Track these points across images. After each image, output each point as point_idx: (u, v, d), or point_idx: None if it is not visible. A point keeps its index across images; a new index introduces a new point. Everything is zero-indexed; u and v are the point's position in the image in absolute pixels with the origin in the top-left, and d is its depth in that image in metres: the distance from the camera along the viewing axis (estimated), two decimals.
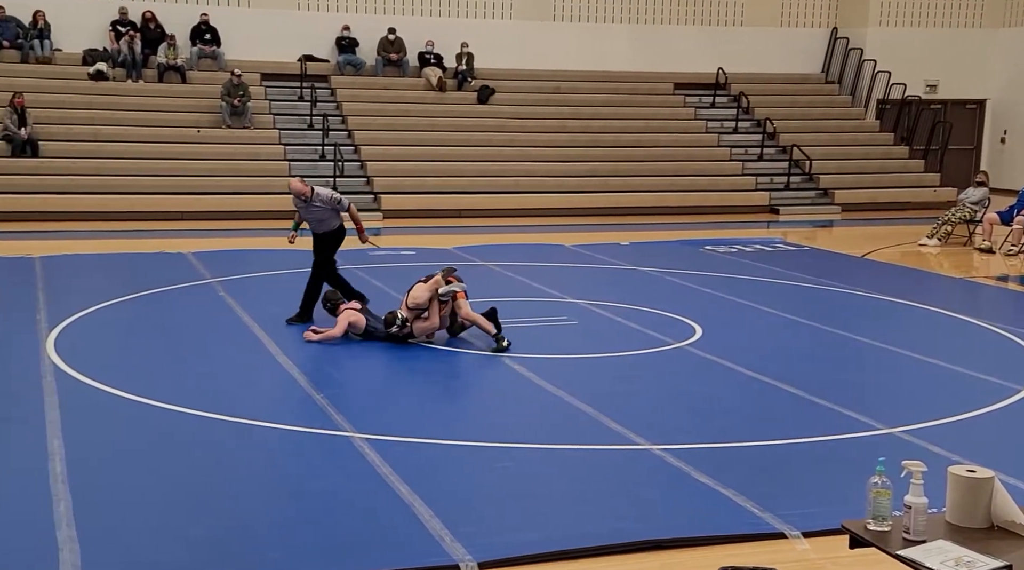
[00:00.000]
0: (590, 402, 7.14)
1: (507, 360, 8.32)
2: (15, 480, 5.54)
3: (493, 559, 4.69)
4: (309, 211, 9.57)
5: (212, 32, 20.27)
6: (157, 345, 8.63)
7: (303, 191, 9.48)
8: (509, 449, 6.20)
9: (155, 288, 11.03)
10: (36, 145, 17.39)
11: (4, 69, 18.79)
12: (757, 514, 5.27)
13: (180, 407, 6.85)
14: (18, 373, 7.64)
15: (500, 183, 19.17)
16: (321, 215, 9.59)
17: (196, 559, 4.65)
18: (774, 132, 21.88)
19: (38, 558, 4.56)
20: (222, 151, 18.57)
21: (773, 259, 14.12)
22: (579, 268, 13.31)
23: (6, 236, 14.66)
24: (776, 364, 8.34)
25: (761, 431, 6.66)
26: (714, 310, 10.58)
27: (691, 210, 19.48)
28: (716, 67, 22.90)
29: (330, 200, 9.56)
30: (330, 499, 5.37)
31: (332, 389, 7.40)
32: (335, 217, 9.68)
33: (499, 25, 22.15)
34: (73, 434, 6.22)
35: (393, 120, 20.12)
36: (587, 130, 21.07)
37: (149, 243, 14.22)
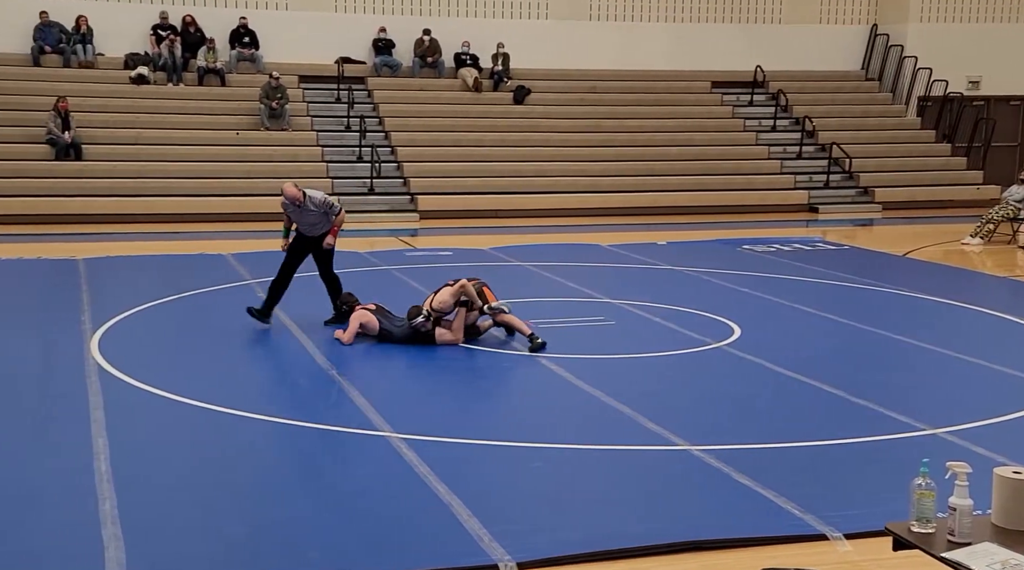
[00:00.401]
0: (628, 402, 7.11)
1: (544, 360, 8.32)
2: (62, 479, 5.62)
3: (532, 559, 4.69)
4: (303, 216, 9.33)
5: (251, 35, 20.48)
6: (198, 346, 8.73)
7: (297, 196, 9.22)
8: (547, 449, 6.20)
9: (196, 289, 11.15)
10: (79, 148, 17.67)
11: (48, 74, 19.12)
12: (798, 515, 5.22)
13: (221, 407, 6.92)
14: (63, 373, 7.76)
15: (536, 183, 19.17)
16: (314, 220, 9.37)
17: (236, 558, 4.69)
18: (813, 130, 21.68)
19: (84, 556, 4.63)
20: (261, 153, 18.75)
21: (812, 258, 13.99)
22: (616, 268, 13.27)
23: (51, 238, 14.91)
24: (816, 364, 8.26)
25: (802, 432, 6.60)
26: (752, 310, 10.51)
27: (729, 209, 19.36)
28: (754, 65, 22.74)
29: (323, 204, 9.30)
30: (368, 499, 5.40)
31: (369, 389, 7.43)
32: (327, 221, 9.43)
33: (535, 25, 22.16)
34: (117, 433, 6.30)
35: (429, 121, 20.21)
36: (623, 129, 21.01)
37: (190, 244, 14.39)
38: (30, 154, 17.54)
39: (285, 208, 9.45)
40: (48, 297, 10.76)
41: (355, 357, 8.45)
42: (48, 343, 8.69)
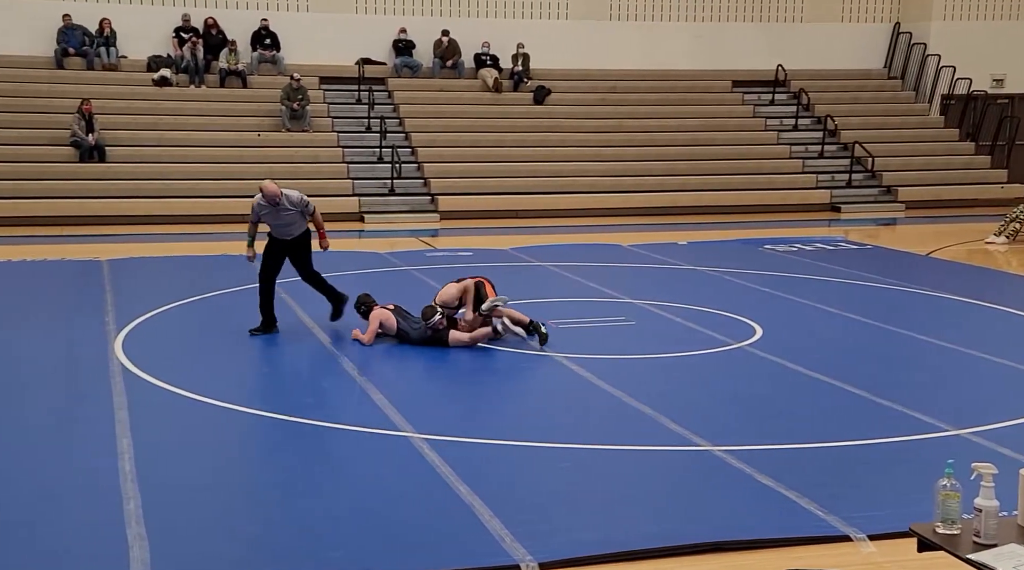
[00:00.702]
0: (649, 402, 7.10)
1: (565, 360, 8.31)
2: (87, 479, 5.67)
3: (554, 560, 4.69)
4: (278, 217, 8.99)
5: (272, 37, 20.58)
6: (221, 346, 8.78)
7: (277, 193, 8.89)
8: (568, 449, 6.20)
9: (219, 290, 11.22)
10: (103, 150, 17.81)
11: (71, 76, 19.28)
12: (821, 516, 5.19)
13: (243, 407, 6.96)
14: (88, 373, 7.82)
15: (557, 183, 19.17)
16: (290, 219, 9.05)
17: (260, 557, 4.72)
18: (835, 129, 21.56)
19: (109, 555, 4.67)
20: (282, 154, 18.83)
21: (835, 258, 13.91)
22: (636, 268, 13.25)
23: (75, 240, 15.04)
24: (839, 364, 8.21)
25: (824, 432, 6.57)
26: (774, 310, 10.46)
27: (750, 209, 19.28)
28: (775, 64, 22.64)
29: (299, 202, 8.98)
30: (390, 499, 5.41)
31: (391, 389, 7.46)
32: (303, 221, 9.15)
33: (555, 25, 22.15)
34: (141, 433, 6.35)
35: (449, 122, 20.24)
36: (644, 129, 20.97)
37: (212, 245, 14.47)
38: (54, 156, 17.70)
39: (257, 210, 9.03)
40: (73, 298, 10.86)
41: (376, 357, 8.47)
42: (73, 343, 8.76)
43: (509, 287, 11.46)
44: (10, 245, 14.31)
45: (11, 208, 16.47)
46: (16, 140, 17.80)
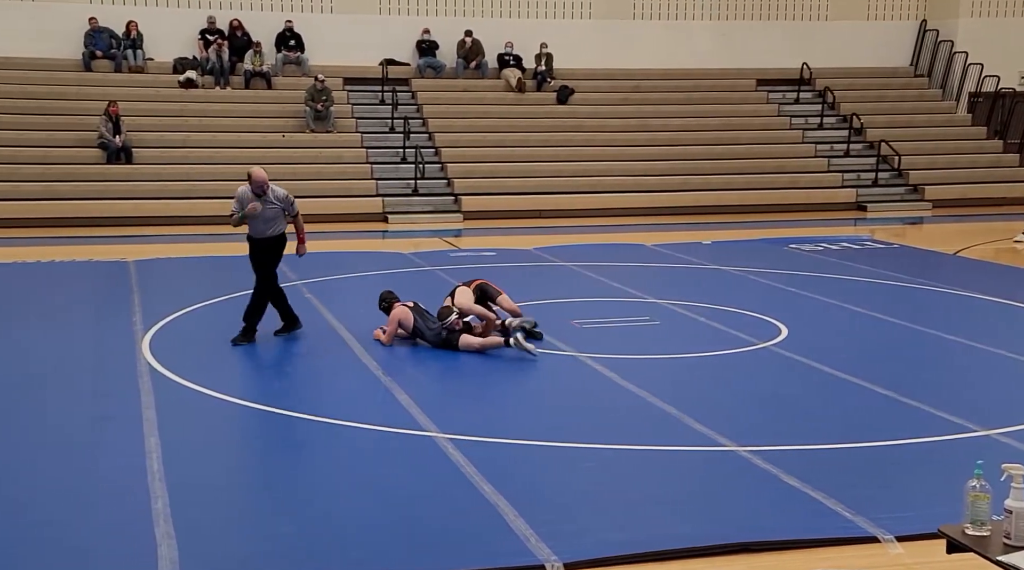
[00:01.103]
0: (674, 403, 7.08)
1: (589, 360, 8.30)
2: (116, 477, 5.72)
3: (579, 560, 4.68)
4: (262, 210, 8.77)
5: (296, 38, 20.68)
6: (247, 346, 8.82)
7: (266, 180, 8.73)
8: (592, 450, 6.19)
9: (244, 290, 11.26)
10: (130, 152, 17.96)
11: (99, 79, 19.46)
12: (848, 517, 5.16)
13: (269, 407, 7.00)
14: (116, 373, 7.89)
15: (580, 183, 19.14)
16: (272, 214, 8.83)
17: (286, 556, 4.74)
18: (861, 127, 21.41)
19: (138, 553, 4.71)
20: (306, 155, 18.92)
21: (861, 257, 13.82)
22: (660, 268, 13.21)
23: (102, 241, 15.17)
24: (865, 364, 8.16)
25: (851, 433, 6.52)
26: (800, 310, 10.40)
27: (775, 208, 19.18)
28: (800, 62, 22.51)
29: (284, 199, 8.81)
30: (415, 498, 5.42)
31: (415, 389, 7.47)
32: (282, 221, 8.93)
33: (578, 25, 22.13)
34: (168, 433, 6.40)
35: (473, 122, 20.26)
36: (667, 128, 20.91)
37: (238, 246, 14.51)
38: (82, 158, 17.86)
39: (243, 199, 8.76)
40: (100, 299, 10.95)
41: (400, 357, 8.49)
42: (101, 343, 8.84)
43: (533, 287, 11.48)
44: (40, 246, 14.46)
45: (40, 209, 16.64)
46: (45, 142, 17.98)
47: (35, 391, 7.42)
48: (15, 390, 7.43)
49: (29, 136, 17.99)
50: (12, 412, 6.90)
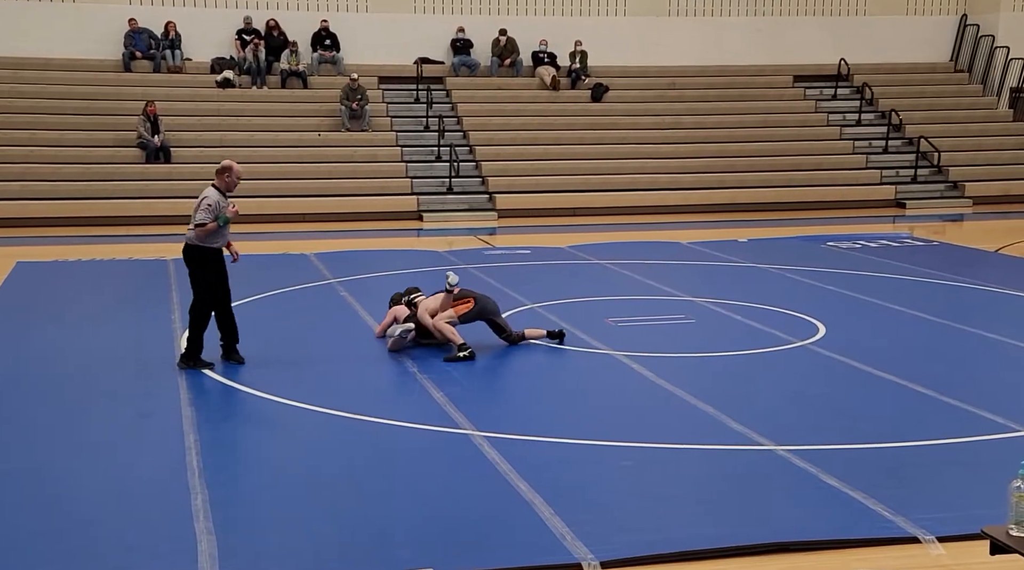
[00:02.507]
0: (710, 401, 7.03)
1: (625, 359, 8.27)
2: (155, 474, 5.79)
3: (616, 558, 4.66)
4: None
5: (332, 38, 20.80)
6: (282, 344, 8.89)
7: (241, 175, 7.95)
8: (628, 448, 6.16)
9: (279, 288, 11.37)
10: (168, 151, 18.16)
11: (138, 79, 19.70)
12: (888, 517, 5.10)
13: (305, 404, 7.04)
14: (155, 371, 7.98)
15: (615, 181, 19.09)
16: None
17: (324, 553, 4.76)
18: (900, 124, 21.16)
19: (178, 549, 4.76)
20: (341, 154, 19.03)
21: (900, 255, 13.65)
22: (696, 265, 13.14)
23: (142, 239, 15.35)
24: (905, 363, 8.06)
25: (891, 432, 6.45)
26: (838, 308, 10.30)
27: (812, 205, 19.01)
28: (838, 58, 22.29)
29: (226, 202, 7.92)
30: (452, 496, 5.43)
31: (451, 387, 7.49)
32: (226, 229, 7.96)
33: (613, 22, 22.05)
34: (207, 430, 6.46)
35: (507, 120, 20.26)
36: (703, 126, 20.79)
37: (273, 245, 14.67)
38: (121, 157, 18.09)
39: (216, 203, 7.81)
40: (140, 297, 11.07)
41: (436, 356, 8.50)
42: (141, 341, 8.94)
43: (567, 286, 11.47)
44: (80, 245, 14.66)
45: (81, 208, 16.87)
46: (85, 142, 18.23)
47: (76, 388, 7.52)
48: (57, 387, 7.54)
49: (70, 136, 18.25)
50: (54, 408, 7.00)
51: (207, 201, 7.85)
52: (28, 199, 16.86)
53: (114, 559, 4.71)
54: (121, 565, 4.64)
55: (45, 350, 8.63)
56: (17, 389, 7.49)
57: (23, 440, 6.36)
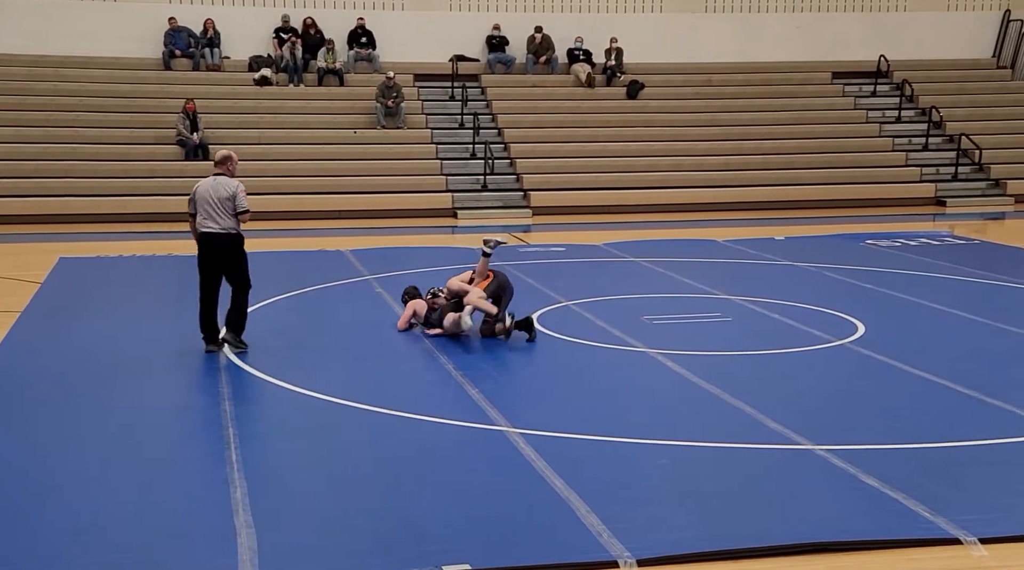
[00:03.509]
0: (747, 400, 6.98)
1: (661, 357, 8.24)
2: (196, 466, 5.86)
3: (652, 557, 4.65)
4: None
5: (368, 36, 20.89)
6: (319, 340, 8.95)
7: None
8: (665, 446, 6.14)
9: (316, 285, 11.44)
10: (207, 149, 18.32)
11: (178, 77, 19.91)
12: (929, 518, 5.03)
13: (341, 399, 7.08)
14: (196, 366, 8.06)
15: (650, 178, 19.01)
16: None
17: (361, 547, 4.79)
18: (940, 121, 20.88)
19: (218, 541, 4.80)
20: (377, 151, 19.11)
21: (940, 253, 13.48)
22: (732, 263, 13.05)
23: (181, 236, 15.47)
24: (946, 363, 7.95)
25: (931, 432, 6.37)
26: (877, 306, 10.19)
27: (850, 203, 18.82)
28: (877, 54, 22.03)
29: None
30: (488, 492, 5.44)
31: (486, 384, 7.50)
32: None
33: (649, 19, 21.97)
34: (245, 424, 6.53)
35: (542, 117, 20.24)
36: (740, 123, 20.64)
37: (310, 241, 14.77)
38: (161, 155, 18.30)
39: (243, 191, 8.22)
40: (179, 293, 11.19)
41: (471, 352, 8.52)
42: (180, 336, 9.02)
43: (602, 283, 11.44)
44: (121, 241, 14.84)
45: (122, 205, 17.09)
46: (126, 140, 18.45)
47: (117, 382, 7.61)
48: (98, 380, 7.64)
49: (112, 134, 18.48)
50: (94, 401, 7.10)
51: (243, 189, 8.27)
52: (71, 196, 17.09)
53: (155, 551, 4.76)
54: (162, 557, 4.69)
55: (85, 344, 8.75)
56: (57, 381, 7.60)
57: (63, 432, 6.45)
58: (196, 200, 8.23)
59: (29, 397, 7.22)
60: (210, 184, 8.24)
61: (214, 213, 8.15)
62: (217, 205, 8.14)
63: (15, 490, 5.49)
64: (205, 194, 8.18)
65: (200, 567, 4.61)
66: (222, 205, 8.15)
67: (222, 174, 8.31)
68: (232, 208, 8.17)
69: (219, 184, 8.21)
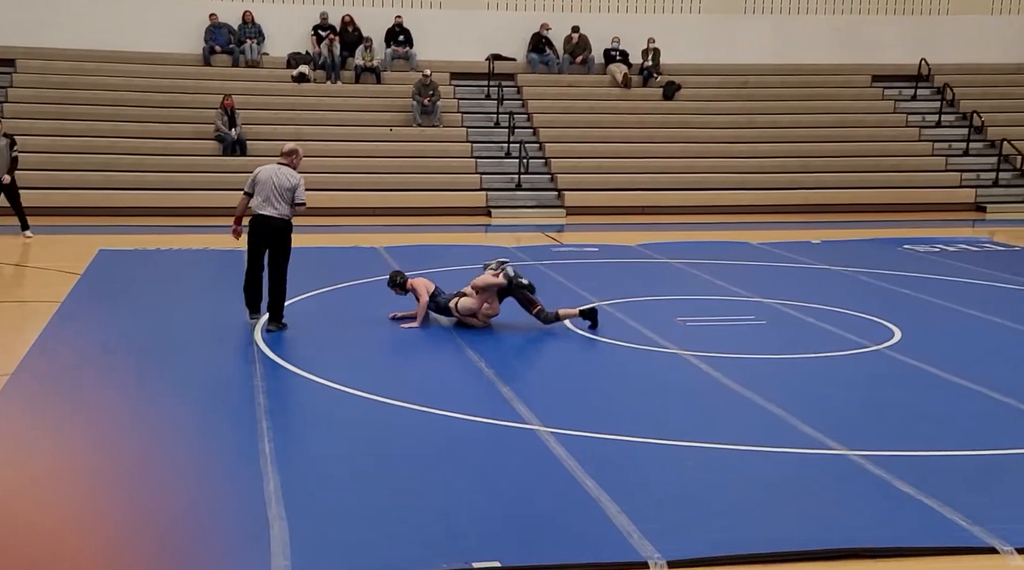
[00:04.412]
0: (780, 404, 6.94)
1: (693, 359, 8.20)
2: (230, 459, 5.91)
3: (683, 558, 4.63)
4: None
5: (405, 34, 20.98)
6: (352, 336, 8.99)
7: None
8: (696, 448, 6.11)
9: (350, 281, 11.50)
10: (244, 144, 18.49)
11: (217, 73, 20.11)
12: (964, 526, 4.97)
13: (373, 395, 7.11)
14: (232, 359, 8.15)
15: (685, 180, 18.92)
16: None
17: (392, 541, 4.81)
18: (982, 126, 20.61)
19: (251, 533, 4.84)
20: (413, 149, 19.18)
21: (979, 259, 13.30)
22: (767, 266, 12.96)
23: (217, 230, 15.61)
24: (984, 370, 7.84)
25: (968, 439, 6.29)
26: (914, 312, 10.07)
27: (888, 208, 18.64)
28: (918, 58, 21.79)
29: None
30: (519, 491, 5.44)
31: (517, 382, 7.50)
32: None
33: (686, 20, 21.87)
34: (279, 417, 6.58)
35: (578, 117, 20.22)
36: (777, 125, 20.50)
37: (345, 238, 14.85)
38: (199, 150, 18.48)
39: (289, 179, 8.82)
40: (217, 287, 11.30)
41: (502, 350, 8.53)
42: (216, 330, 9.11)
43: (636, 284, 11.41)
44: (159, 234, 15.01)
45: (161, 199, 17.28)
46: (166, 134, 18.66)
47: (151, 373, 7.70)
48: (133, 371, 7.73)
49: (152, 128, 18.69)
50: (129, 391, 7.18)
51: (304, 184, 8.92)
52: (111, 189, 17.31)
53: (189, 541, 4.81)
54: (194, 547, 4.74)
55: (121, 335, 8.86)
56: (93, 372, 7.70)
57: (97, 422, 6.53)
58: (256, 183, 8.82)
59: (65, 388, 7.33)
60: (273, 171, 8.82)
61: (273, 199, 8.74)
62: (277, 192, 8.73)
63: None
64: (267, 179, 8.77)
65: (233, 558, 4.65)
66: (282, 193, 8.74)
67: (287, 165, 8.88)
68: (291, 198, 8.78)
69: (282, 173, 8.80)
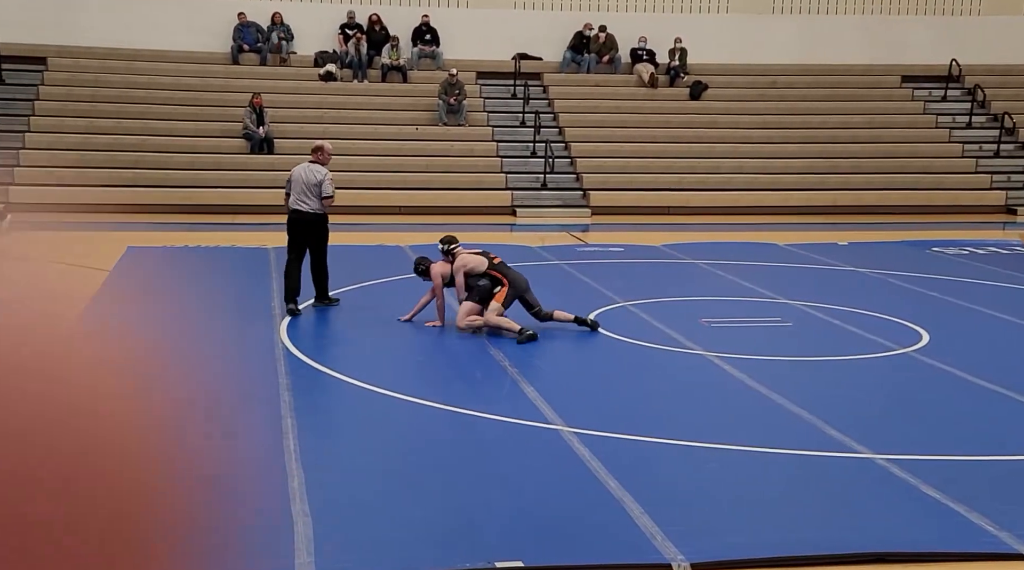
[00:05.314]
0: (806, 406, 6.89)
1: (718, 360, 8.16)
2: (253, 455, 5.93)
3: (707, 561, 4.61)
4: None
5: (432, 33, 21.01)
6: (377, 334, 9.02)
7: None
8: (721, 450, 6.08)
9: (375, 279, 11.54)
10: (272, 143, 18.59)
11: (245, 71, 20.23)
12: (992, 532, 4.92)
13: (398, 393, 7.13)
14: (257, 356, 8.19)
15: (711, 180, 18.84)
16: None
17: (416, 539, 4.82)
18: (1013, 127, 20.37)
19: (275, 530, 4.86)
20: (438, 148, 19.21)
21: (1009, 262, 13.15)
22: (793, 268, 12.87)
23: (244, 228, 15.76)
24: (1013, 374, 7.76)
25: (997, 444, 6.22)
26: (942, 315, 9.98)
27: (917, 209, 18.45)
28: (949, 59, 21.57)
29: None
30: (541, 491, 5.44)
31: (541, 382, 7.50)
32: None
33: (714, 19, 21.77)
34: (303, 415, 6.61)
35: (604, 117, 20.18)
36: (805, 126, 20.36)
37: (370, 236, 14.90)
38: (227, 147, 18.60)
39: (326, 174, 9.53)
40: (241, 285, 11.37)
41: (526, 350, 8.53)
42: (242, 327, 9.18)
43: (661, 284, 11.37)
44: (186, 232, 15.12)
45: (189, 197, 17.40)
46: (194, 132, 18.80)
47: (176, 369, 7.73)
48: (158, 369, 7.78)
49: (180, 126, 18.83)
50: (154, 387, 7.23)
51: (331, 176, 9.51)
52: (139, 186, 17.46)
53: (211, 537, 4.83)
54: (218, 543, 4.75)
55: (149, 331, 8.90)
56: None
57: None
58: (291, 181, 9.52)
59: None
60: (303, 169, 9.52)
61: (305, 195, 9.41)
62: (307, 188, 9.39)
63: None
64: (299, 177, 9.47)
65: (256, 555, 4.67)
66: (310, 189, 9.39)
67: (316, 162, 9.55)
68: (319, 192, 9.41)
69: (311, 170, 9.47)
